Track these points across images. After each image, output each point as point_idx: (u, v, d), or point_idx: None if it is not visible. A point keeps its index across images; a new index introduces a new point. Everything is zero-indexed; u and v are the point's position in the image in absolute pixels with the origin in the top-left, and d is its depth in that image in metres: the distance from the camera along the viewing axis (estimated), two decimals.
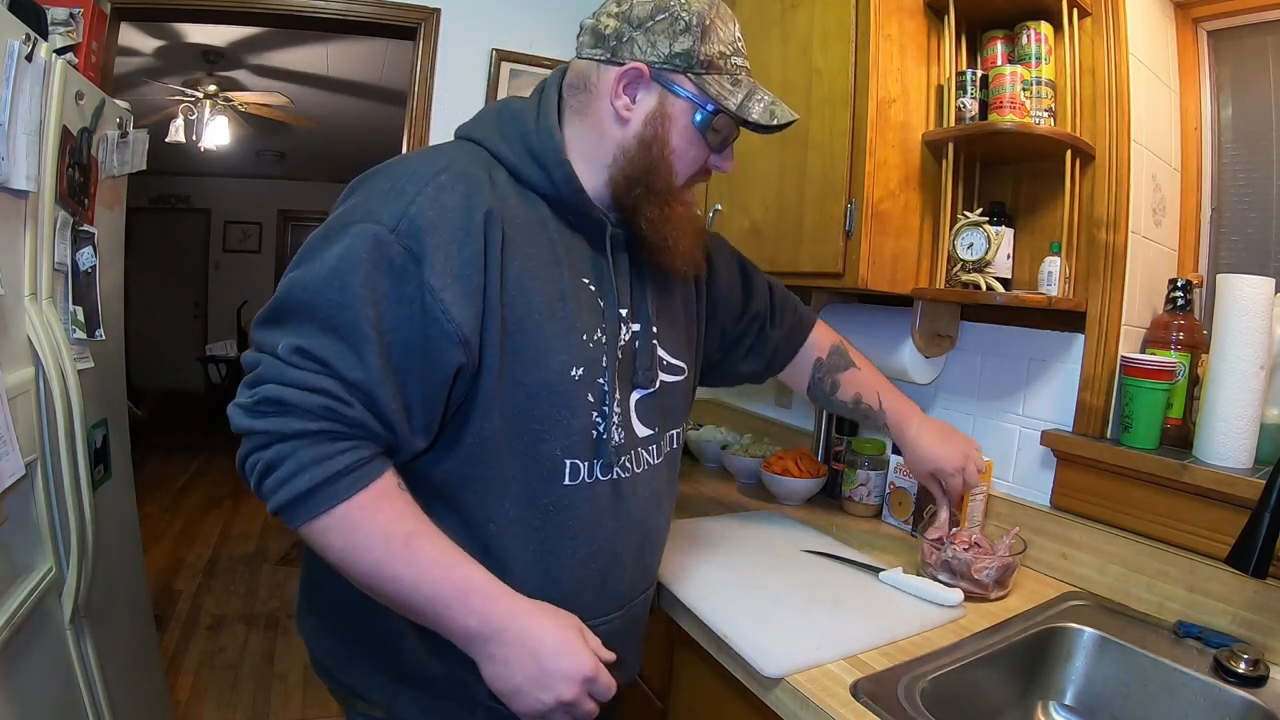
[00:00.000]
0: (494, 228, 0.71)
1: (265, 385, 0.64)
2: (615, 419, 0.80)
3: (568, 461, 0.76)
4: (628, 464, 0.82)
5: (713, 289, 1.03)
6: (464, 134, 0.81)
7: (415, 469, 0.73)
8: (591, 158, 0.79)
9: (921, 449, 1.10)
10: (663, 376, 0.88)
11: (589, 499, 0.78)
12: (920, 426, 1.11)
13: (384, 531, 0.66)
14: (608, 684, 0.71)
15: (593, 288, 0.80)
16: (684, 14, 0.76)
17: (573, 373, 0.75)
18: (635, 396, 0.84)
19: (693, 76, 0.77)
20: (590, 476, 0.78)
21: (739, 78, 0.80)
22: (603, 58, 0.77)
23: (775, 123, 0.80)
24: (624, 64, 0.76)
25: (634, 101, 0.77)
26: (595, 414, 0.78)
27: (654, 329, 0.87)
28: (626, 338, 0.82)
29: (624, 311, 0.82)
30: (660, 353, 0.88)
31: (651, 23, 0.76)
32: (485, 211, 0.71)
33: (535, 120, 0.78)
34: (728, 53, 0.79)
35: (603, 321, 0.79)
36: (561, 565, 0.77)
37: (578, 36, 0.82)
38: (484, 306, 0.70)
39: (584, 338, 0.77)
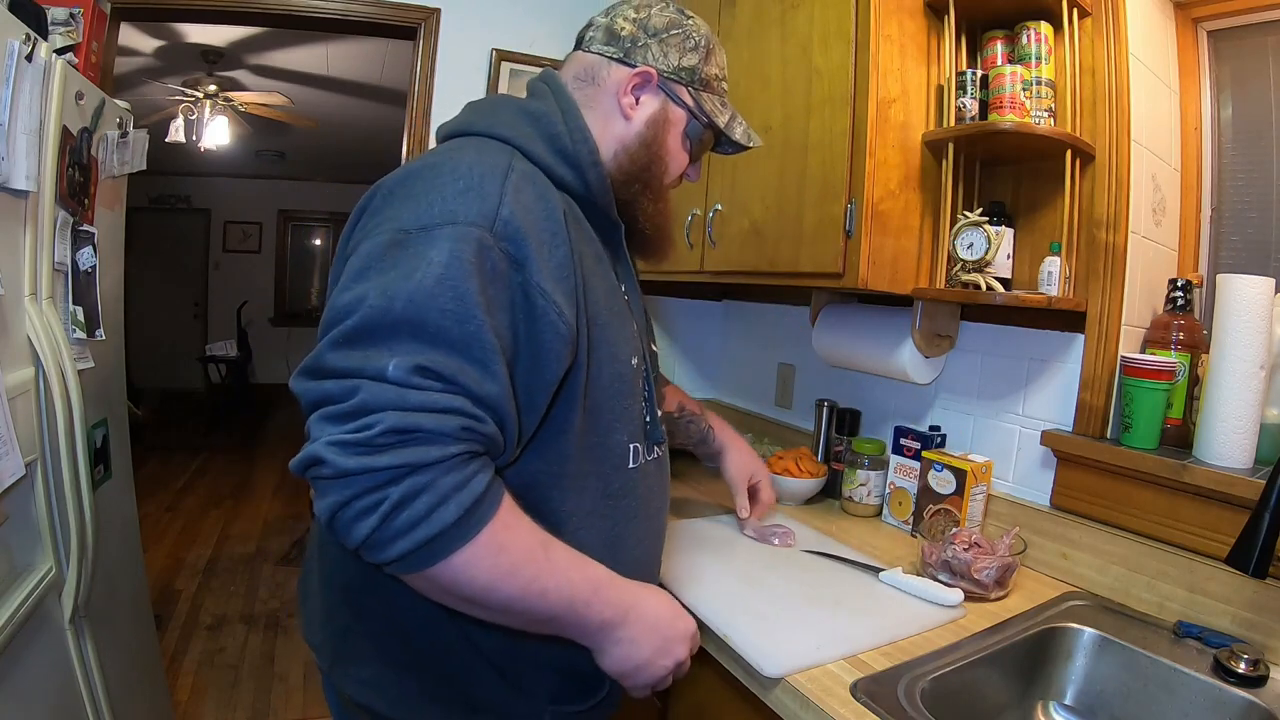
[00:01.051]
0: (571, 226, 0.73)
1: (381, 414, 0.56)
2: (649, 399, 0.85)
3: (632, 446, 0.81)
4: (661, 440, 0.88)
5: None
6: (483, 132, 0.77)
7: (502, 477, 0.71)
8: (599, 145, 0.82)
9: (745, 455, 1.27)
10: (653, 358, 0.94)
11: (643, 479, 0.83)
12: (735, 438, 1.28)
13: (527, 547, 0.64)
14: (698, 636, 0.81)
15: (619, 282, 0.84)
16: (695, 34, 0.84)
17: (634, 362, 0.80)
18: (654, 379, 0.89)
19: (693, 91, 0.84)
20: (646, 457, 0.84)
21: (725, 100, 0.89)
22: (615, 56, 0.82)
23: (749, 145, 0.91)
24: (636, 66, 0.81)
25: (638, 102, 0.82)
26: (644, 399, 0.83)
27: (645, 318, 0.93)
28: (644, 322, 0.90)
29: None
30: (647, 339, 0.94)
31: (666, 35, 0.82)
32: (563, 211, 0.72)
33: (563, 122, 0.79)
34: (720, 76, 0.87)
35: (633, 312, 0.85)
36: (626, 548, 0.81)
37: (586, 30, 0.86)
38: (577, 307, 0.71)
39: (634, 328, 0.83)
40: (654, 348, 0.97)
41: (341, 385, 0.58)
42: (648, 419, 0.84)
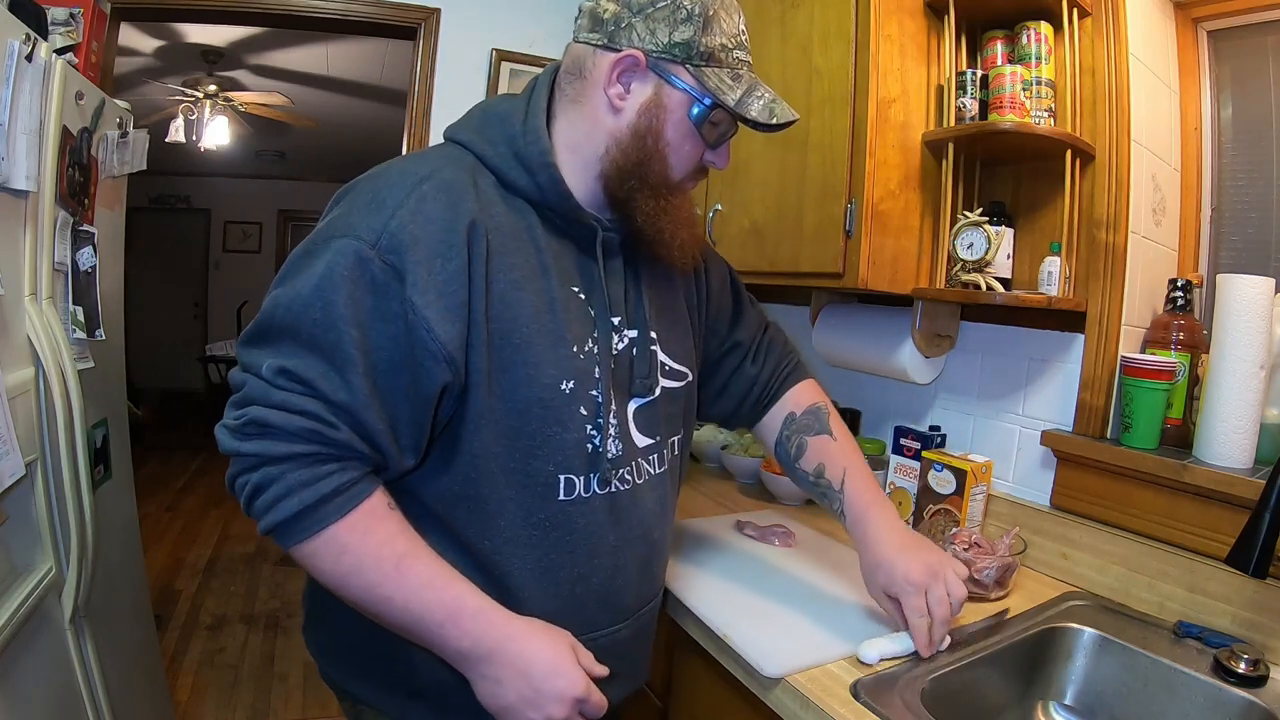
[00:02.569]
0: (478, 240, 0.69)
1: (251, 407, 0.64)
2: (612, 430, 0.77)
3: (562, 477, 0.75)
4: (627, 476, 0.80)
5: (709, 290, 1.01)
6: (450, 136, 0.79)
7: (407, 487, 0.73)
8: (583, 149, 0.76)
9: (880, 551, 0.87)
10: (664, 383, 0.86)
11: (586, 513, 0.77)
12: (885, 525, 0.89)
13: (374, 554, 0.66)
14: (598, 703, 0.70)
15: (582, 296, 0.77)
16: (686, 3, 0.72)
17: (563, 386, 0.73)
18: (633, 406, 0.82)
19: (691, 68, 0.73)
20: (587, 491, 0.77)
21: (740, 72, 0.76)
22: (600, 43, 0.74)
23: (774, 121, 0.75)
24: (620, 51, 0.73)
25: (628, 90, 0.74)
26: (589, 427, 0.76)
27: (653, 334, 0.84)
28: (621, 346, 0.80)
29: (617, 319, 0.80)
30: (662, 358, 0.86)
31: (652, 9, 0.72)
32: (469, 223, 0.68)
33: (522, 121, 0.75)
34: (730, 45, 0.74)
35: (594, 331, 0.77)
36: (561, 580, 0.76)
37: (576, 19, 0.78)
38: (469, 322, 0.68)
39: (574, 349, 0.75)
40: (673, 364, 0.87)
41: (239, 376, 0.66)
42: (596, 449, 0.76)
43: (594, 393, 0.76)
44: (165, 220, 6.67)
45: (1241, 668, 0.86)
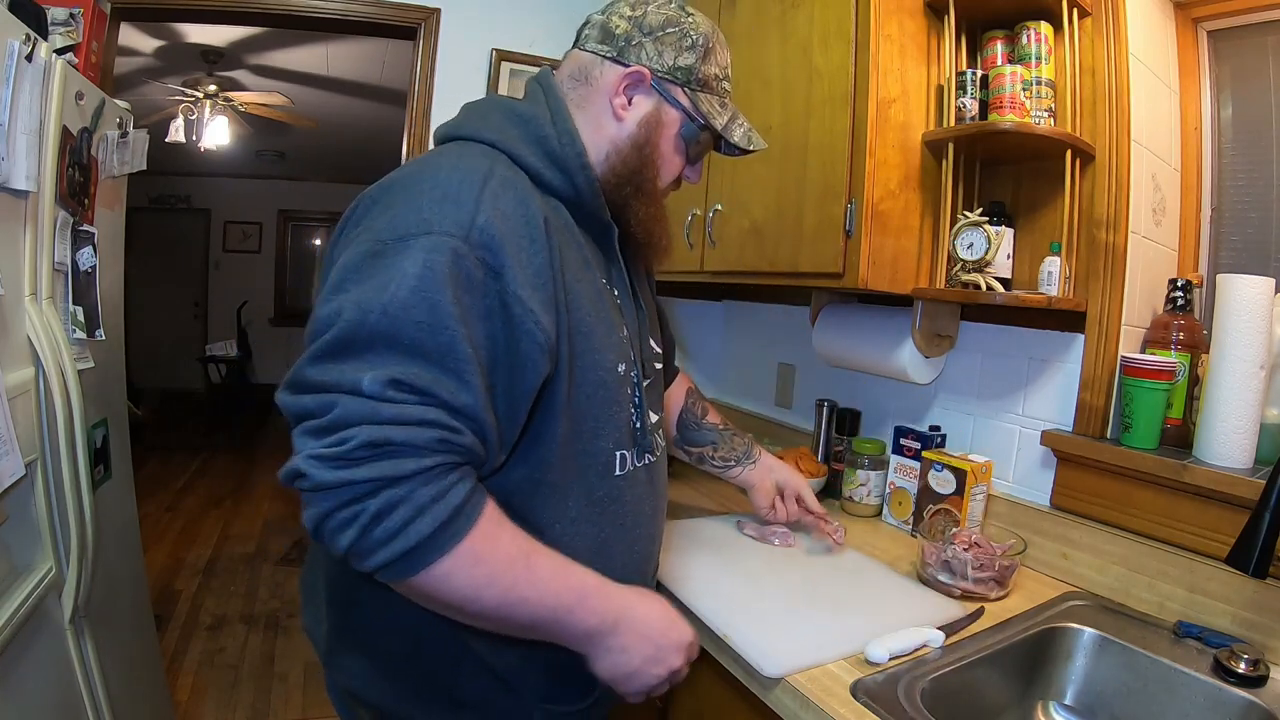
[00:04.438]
0: (552, 234, 0.72)
1: (355, 429, 0.57)
2: (639, 407, 0.83)
3: (617, 453, 0.80)
4: (653, 447, 0.87)
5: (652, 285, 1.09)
6: (470, 135, 0.77)
7: (486, 484, 0.71)
8: (589, 149, 0.80)
9: (790, 470, 1.24)
10: (655, 364, 0.93)
11: (633, 486, 0.83)
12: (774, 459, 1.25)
13: (506, 557, 0.65)
14: (697, 644, 0.80)
15: (611, 287, 0.83)
16: (693, 32, 0.81)
17: (619, 369, 0.79)
18: (644, 385, 0.87)
19: (689, 91, 0.82)
20: (635, 464, 0.83)
21: (725, 101, 0.86)
22: (609, 55, 0.80)
23: (751, 148, 0.87)
24: (629, 66, 0.79)
25: (630, 103, 0.80)
26: (632, 405, 0.82)
27: (643, 322, 0.90)
28: (636, 328, 0.87)
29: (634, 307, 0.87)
30: (650, 343, 0.92)
31: (662, 33, 0.80)
32: (544, 218, 0.71)
33: (552, 124, 0.78)
34: (720, 76, 0.84)
35: (624, 317, 0.83)
36: (615, 554, 0.81)
37: (581, 29, 0.84)
38: (556, 314, 0.70)
39: (622, 334, 0.81)
40: (655, 348, 0.94)
41: (319, 400, 0.59)
42: (637, 425, 0.82)
43: (634, 373, 0.82)
44: (165, 220, 6.67)
45: (1241, 668, 0.86)
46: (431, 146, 0.83)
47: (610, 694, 0.83)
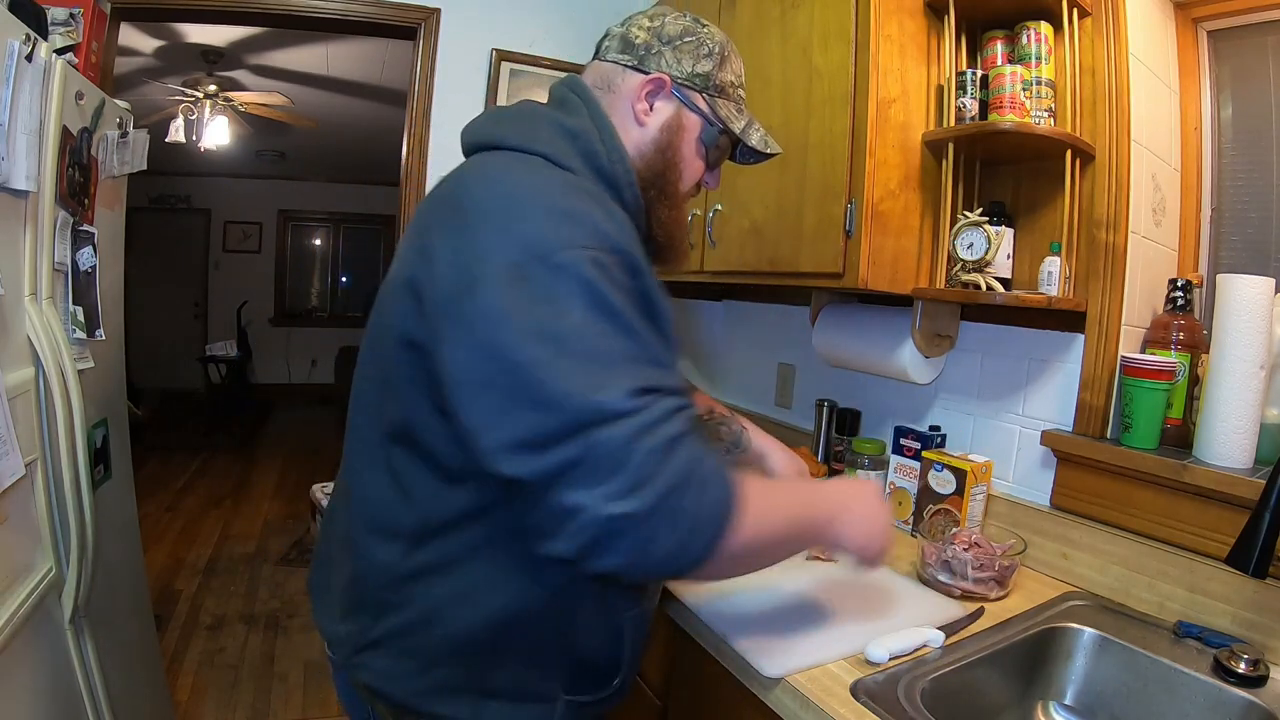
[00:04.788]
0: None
1: (633, 447, 0.58)
2: None
3: None
4: None
5: None
6: (520, 147, 0.76)
7: None
8: None
9: (788, 455, 1.17)
10: None
11: None
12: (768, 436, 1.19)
13: (761, 486, 0.72)
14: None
15: None
16: (709, 41, 0.85)
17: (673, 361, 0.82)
18: None
19: (707, 97, 0.85)
20: None
21: (741, 107, 0.89)
22: (630, 64, 0.84)
23: (768, 151, 0.91)
24: (650, 73, 0.83)
25: (652, 108, 0.84)
26: None
27: None
28: None
29: None
30: None
31: (680, 42, 0.84)
32: (634, 226, 0.75)
33: (600, 140, 0.79)
34: (735, 83, 0.88)
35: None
36: None
37: (601, 42, 0.88)
38: None
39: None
40: None
41: (579, 446, 0.58)
42: None
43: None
44: (165, 220, 6.66)
45: (1241, 668, 0.86)
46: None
47: (622, 689, 0.85)
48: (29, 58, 1.08)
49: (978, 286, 1.16)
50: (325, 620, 0.85)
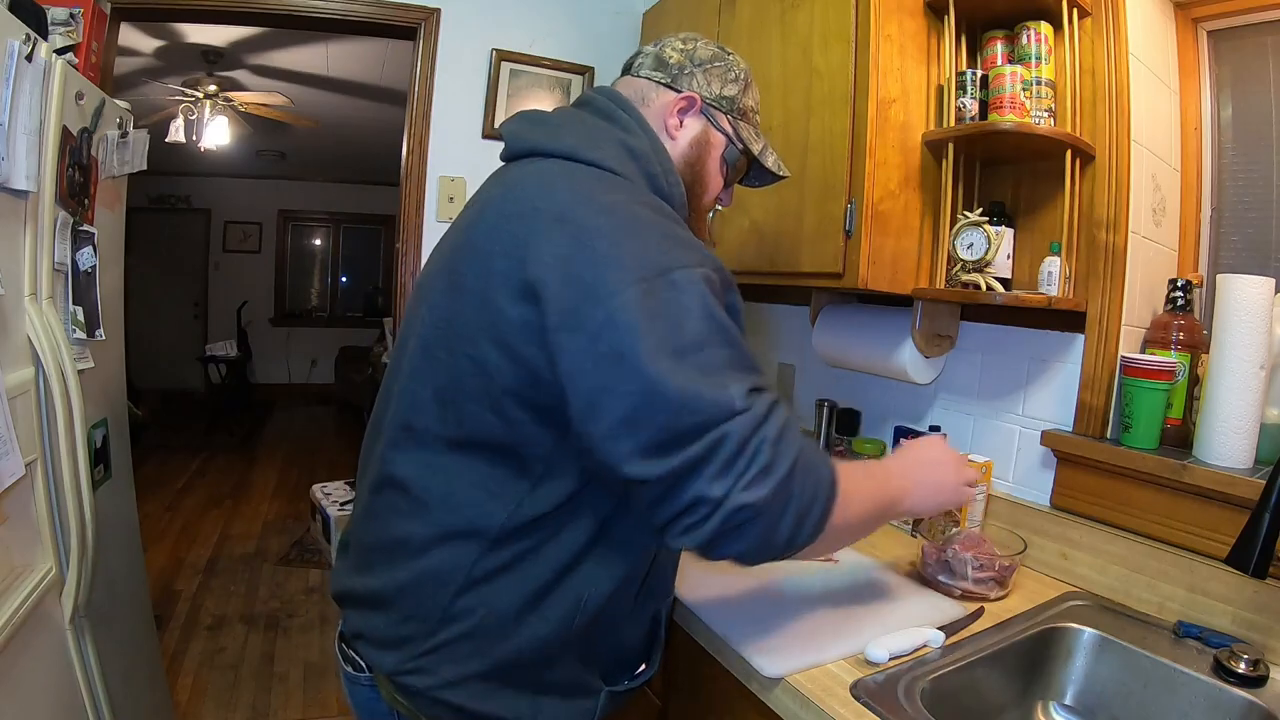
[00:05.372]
0: None
1: (755, 439, 0.64)
2: None
3: None
4: None
5: None
6: (590, 160, 0.78)
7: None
8: None
9: None
10: None
11: None
12: None
13: (848, 468, 0.75)
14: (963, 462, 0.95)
15: None
16: (735, 67, 0.91)
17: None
18: None
19: (731, 119, 0.91)
20: None
21: (758, 131, 0.95)
22: (663, 81, 0.89)
23: (780, 173, 0.97)
24: (682, 91, 0.88)
25: (682, 124, 0.88)
26: None
27: None
28: None
29: None
30: None
31: (710, 66, 0.90)
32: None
33: (658, 163, 0.83)
34: (755, 109, 0.95)
35: None
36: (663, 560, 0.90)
37: (635, 58, 0.93)
38: None
39: None
40: None
41: (705, 443, 0.63)
42: None
43: None
44: (165, 220, 6.66)
45: (1241, 668, 0.86)
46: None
47: (646, 674, 0.91)
48: (29, 58, 1.08)
49: (978, 286, 1.16)
50: (366, 629, 0.82)
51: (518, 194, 0.76)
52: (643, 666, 0.90)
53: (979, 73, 1.19)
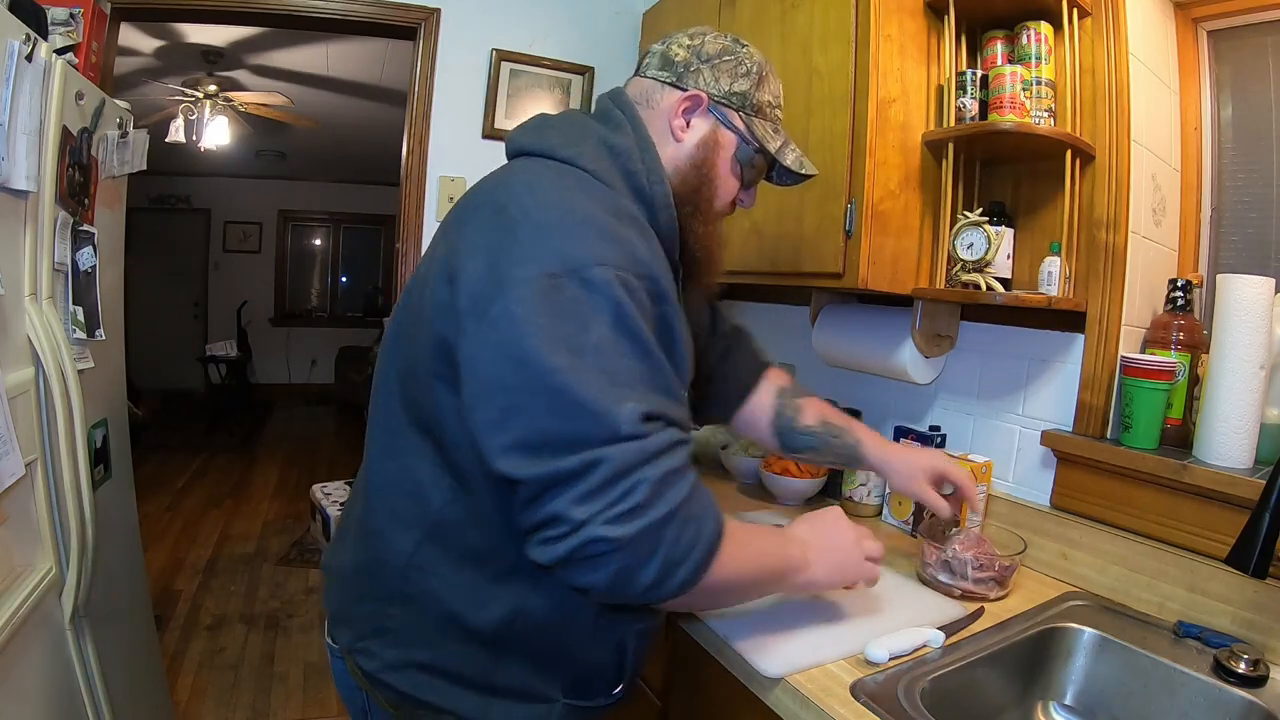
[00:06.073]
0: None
1: (636, 473, 0.61)
2: None
3: None
4: None
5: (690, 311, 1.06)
6: (567, 159, 0.77)
7: None
8: None
9: (914, 455, 1.07)
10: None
11: None
12: (895, 445, 1.11)
13: (741, 529, 0.73)
14: (867, 538, 0.90)
15: None
16: (747, 60, 0.85)
17: (682, 394, 0.81)
18: None
19: (744, 116, 0.85)
20: None
21: (778, 127, 0.89)
22: (669, 80, 0.84)
23: (803, 172, 0.90)
24: (687, 90, 0.84)
25: (688, 125, 0.84)
26: None
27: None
28: None
29: None
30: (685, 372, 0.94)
31: (718, 60, 0.84)
32: (664, 251, 0.77)
33: (641, 160, 0.80)
34: (773, 104, 0.88)
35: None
36: None
37: (642, 59, 0.89)
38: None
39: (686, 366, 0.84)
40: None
41: (582, 459, 0.60)
42: None
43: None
44: (165, 220, 6.66)
45: (1241, 668, 0.86)
46: (506, 155, 0.85)
47: (620, 697, 0.85)
48: (29, 58, 1.08)
49: (978, 286, 1.16)
50: (332, 602, 0.86)
51: (483, 186, 0.78)
52: (619, 688, 0.84)
53: (979, 73, 1.19)
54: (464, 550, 0.74)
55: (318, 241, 7.66)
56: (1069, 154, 1.12)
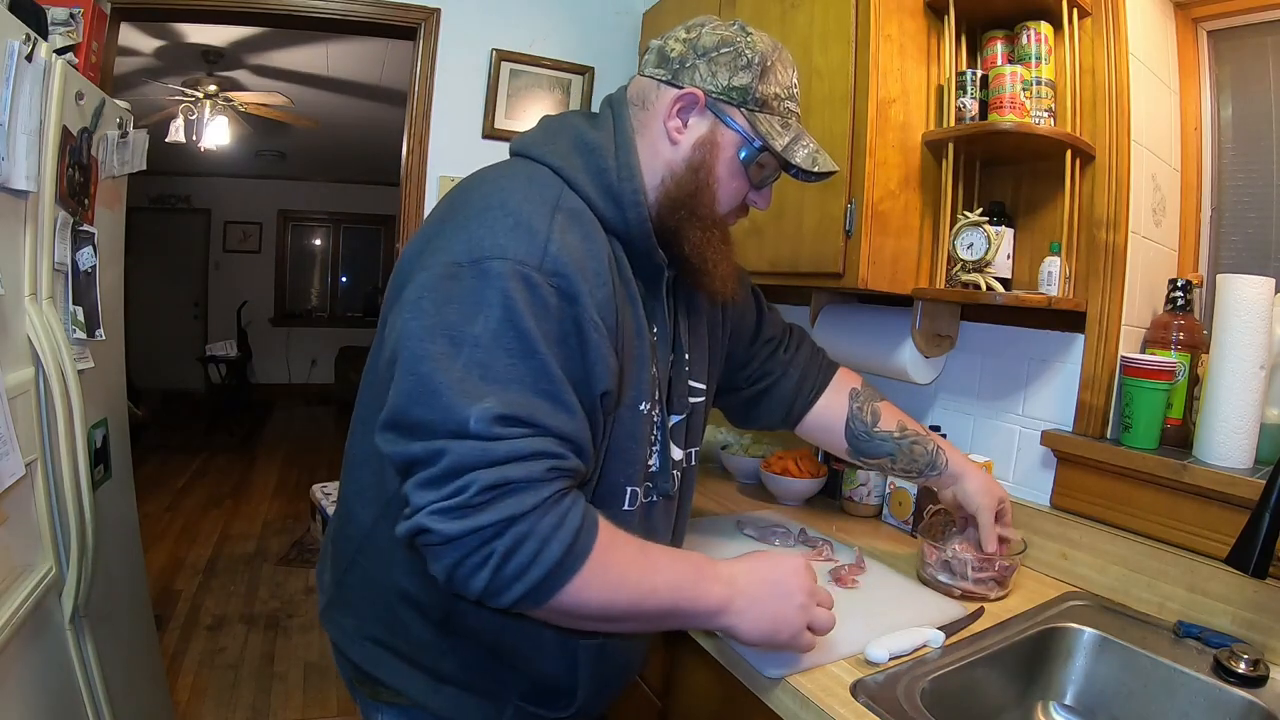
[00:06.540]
0: (615, 269, 0.74)
1: (472, 474, 0.59)
2: (659, 446, 0.84)
3: (627, 488, 0.80)
4: (664, 487, 0.86)
5: (729, 314, 1.03)
6: (538, 157, 0.77)
7: None
8: (645, 176, 0.80)
9: (990, 479, 1.07)
10: (690, 400, 0.91)
11: (639, 521, 0.82)
12: (963, 455, 1.10)
13: (629, 558, 0.68)
14: (815, 586, 0.78)
15: (651, 324, 0.82)
16: (748, 51, 0.79)
17: (642, 407, 0.78)
18: (672, 422, 0.87)
19: (746, 112, 0.79)
20: (644, 500, 0.83)
21: (789, 121, 0.82)
22: (664, 78, 0.80)
23: (816, 170, 0.81)
24: (682, 88, 0.78)
25: (685, 125, 0.79)
26: (650, 444, 0.82)
27: (686, 355, 0.90)
28: (670, 367, 0.87)
29: (671, 344, 0.86)
30: (690, 382, 0.91)
31: (716, 54, 0.78)
32: (609, 253, 0.74)
33: (614, 156, 0.77)
34: (782, 95, 0.81)
35: (657, 356, 0.83)
36: None
37: (643, 55, 0.85)
38: (616, 345, 0.72)
39: (652, 372, 0.80)
40: (697, 385, 0.93)
41: (427, 448, 0.60)
42: (653, 465, 0.83)
43: (656, 413, 0.82)
44: (165, 220, 6.66)
45: (1241, 668, 0.86)
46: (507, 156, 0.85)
47: (583, 711, 0.83)
48: (29, 58, 1.08)
49: (978, 286, 1.16)
50: (320, 568, 0.91)
51: (459, 185, 0.79)
52: (575, 706, 0.81)
53: (979, 73, 1.19)
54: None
55: (318, 241, 7.66)
56: (1069, 154, 1.12)
